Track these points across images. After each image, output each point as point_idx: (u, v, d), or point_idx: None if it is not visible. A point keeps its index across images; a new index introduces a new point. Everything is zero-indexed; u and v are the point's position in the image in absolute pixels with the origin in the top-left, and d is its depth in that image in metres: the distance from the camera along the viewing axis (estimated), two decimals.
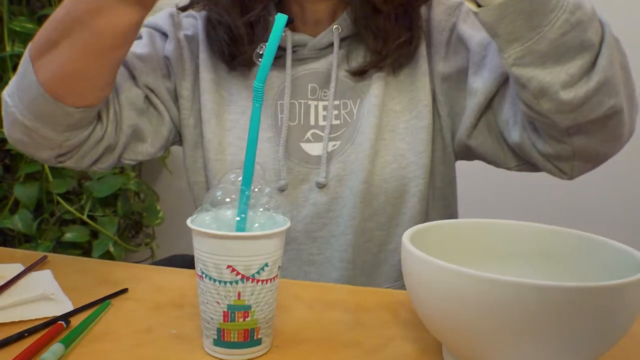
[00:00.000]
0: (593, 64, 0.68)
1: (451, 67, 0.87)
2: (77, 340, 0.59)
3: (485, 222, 0.66)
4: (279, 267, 0.56)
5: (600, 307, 0.47)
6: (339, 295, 0.74)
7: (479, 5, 0.67)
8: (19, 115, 0.78)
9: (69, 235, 1.69)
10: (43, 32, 0.77)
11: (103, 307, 0.66)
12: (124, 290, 0.72)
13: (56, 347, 0.55)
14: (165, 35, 0.94)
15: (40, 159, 0.85)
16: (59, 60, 0.75)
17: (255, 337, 0.56)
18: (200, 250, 0.54)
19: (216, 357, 0.56)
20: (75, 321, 0.62)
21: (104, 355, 0.57)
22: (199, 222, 0.57)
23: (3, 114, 0.82)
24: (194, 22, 0.95)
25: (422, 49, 0.88)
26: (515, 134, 0.80)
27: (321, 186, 0.86)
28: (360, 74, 0.88)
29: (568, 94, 0.68)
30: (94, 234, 1.75)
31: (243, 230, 0.56)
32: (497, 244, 0.65)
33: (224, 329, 0.55)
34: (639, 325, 0.54)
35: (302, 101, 0.89)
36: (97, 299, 0.68)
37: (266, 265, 0.54)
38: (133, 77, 0.89)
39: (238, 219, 0.55)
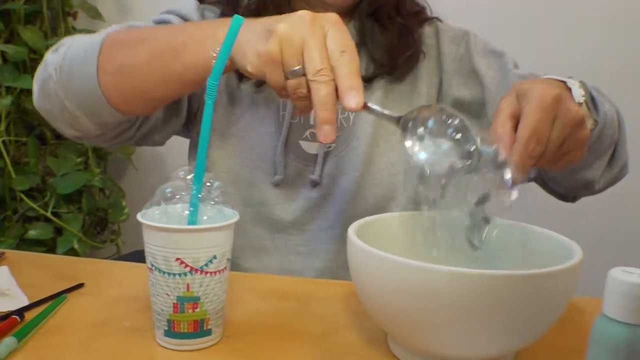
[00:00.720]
0: (614, 152, 0.82)
1: (466, 95, 0.94)
2: (30, 334, 0.60)
3: (428, 214, 0.68)
4: (228, 259, 0.58)
5: (535, 294, 0.50)
6: (293, 287, 0.76)
7: None
8: (61, 94, 0.76)
9: (32, 233, 1.68)
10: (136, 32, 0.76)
11: (58, 302, 0.67)
12: (80, 285, 0.73)
13: (9, 341, 0.56)
14: None
15: (59, 130, 0.83)
16: (128, 77, 0.73)
17: (205, 328, 0.57)
18: (150, 244, 0.56)
19: (167, 348, 0.58)
20: (30, 316, 0.63)
21: (58, 348, 0.58)
22: (149, 217, 0.58)
23: (40, 81, 0.78)
24: (214, 17, 0.96)
25: (423, 71, 0.94)
26: (530, 172, 0.91)
27: (315, 184, 0.90)
28: (366, 81, 0.91)
29: (600, 184, 0.84)
30: (59, 231, 1.73)
31: (194, 223, 0.57)
32: (442, 235, 0.68)
33: (174, 320, 0.56)
34: (571, 311, 0.57)
35: None
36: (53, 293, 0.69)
37: (214, 257, 0.56)
38: None
39: (187, 212, 0.57)
